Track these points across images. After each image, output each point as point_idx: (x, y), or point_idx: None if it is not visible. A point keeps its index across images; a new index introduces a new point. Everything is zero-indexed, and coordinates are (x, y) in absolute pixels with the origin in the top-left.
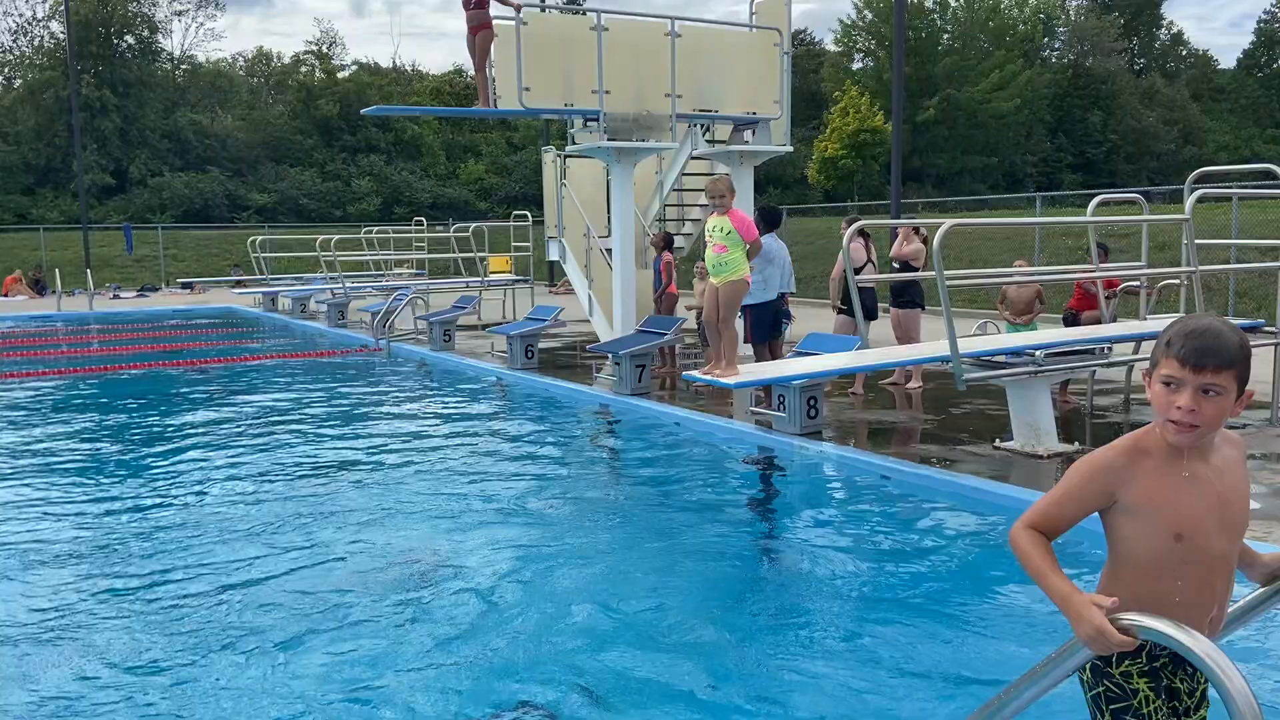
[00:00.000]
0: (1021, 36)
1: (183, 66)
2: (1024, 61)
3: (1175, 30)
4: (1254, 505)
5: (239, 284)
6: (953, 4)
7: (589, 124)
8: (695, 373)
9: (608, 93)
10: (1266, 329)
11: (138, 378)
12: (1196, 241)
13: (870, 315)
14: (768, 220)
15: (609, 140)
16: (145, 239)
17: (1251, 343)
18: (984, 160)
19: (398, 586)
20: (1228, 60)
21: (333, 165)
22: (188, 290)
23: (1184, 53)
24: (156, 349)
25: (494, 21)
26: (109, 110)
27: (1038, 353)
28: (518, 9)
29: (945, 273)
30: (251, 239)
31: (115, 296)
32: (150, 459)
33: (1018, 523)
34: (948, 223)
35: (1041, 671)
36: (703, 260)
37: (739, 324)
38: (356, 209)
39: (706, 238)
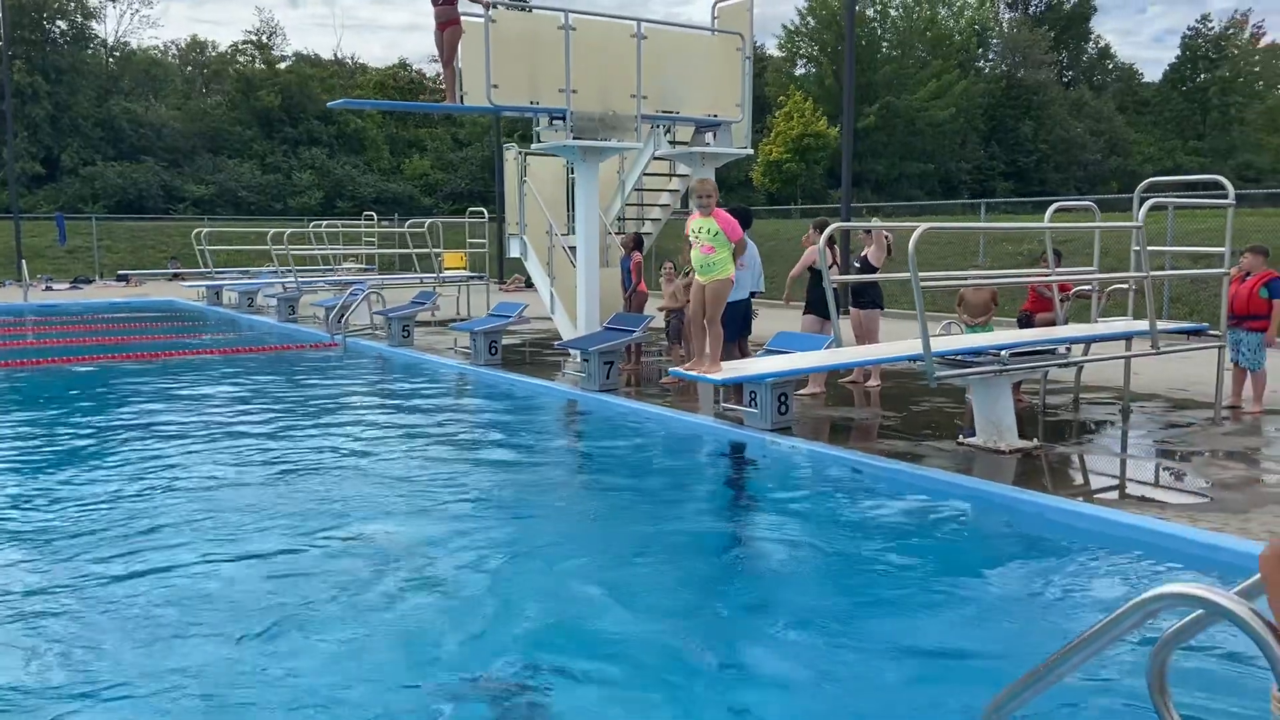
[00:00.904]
0: (958, 47)
1: (116, 53)
2: (960, 71)
3: (1103, 44)
4: (1209, 499)
5: (177, 277)
6: (892, 13)
7: (555, 122)
8: (681, 368)
9: (574, 92)
10: (1211, 332)
11: (87, 372)
12: (1135, 248)
13: None
14: (740, 221)
15: (575, 139)
16: (77, 230)
17: (1194, 345)
18: (921, 166)
19: (369, 581)
20: (1152, 73)
21: (273, 158)
22: (124, 283)
23: (1110, 66)
24: (103, 342)
25: (461, 18)
26: (40, 97)
27: (1003, 353)
28: (487, 6)
29: (920, 274)
30: (196, 231)
31: (48, 288)
32: (108, 454)
33: (1273, 546)
34: (922, 226)
35: (1092, 637)
36: (669, 262)
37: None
38: (298, 202)
39: (691, 239)
